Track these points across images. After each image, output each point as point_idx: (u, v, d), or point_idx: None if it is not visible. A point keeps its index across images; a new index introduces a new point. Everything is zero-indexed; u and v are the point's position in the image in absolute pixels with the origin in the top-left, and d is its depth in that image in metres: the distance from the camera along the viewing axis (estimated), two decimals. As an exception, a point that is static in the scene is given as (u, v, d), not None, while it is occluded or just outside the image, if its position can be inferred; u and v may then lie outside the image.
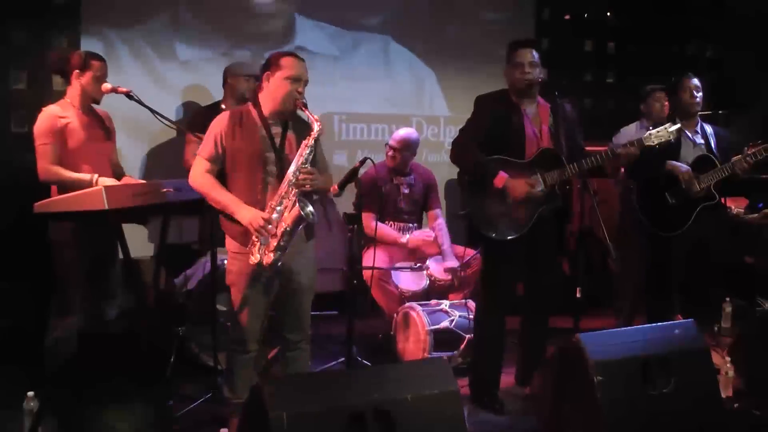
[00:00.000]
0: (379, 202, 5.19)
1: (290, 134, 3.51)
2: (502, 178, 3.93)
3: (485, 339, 4.16)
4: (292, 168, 3.39)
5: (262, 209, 3.38)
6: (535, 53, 4.02)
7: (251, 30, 5.70)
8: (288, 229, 3.33)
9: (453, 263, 5.06)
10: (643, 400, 3.19)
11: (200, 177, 3.47)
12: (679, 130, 4.23)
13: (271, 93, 3.47)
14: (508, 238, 3.98)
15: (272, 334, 3.80)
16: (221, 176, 3.49)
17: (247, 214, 3.35)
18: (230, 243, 3.51)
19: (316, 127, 3.44)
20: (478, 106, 4.13)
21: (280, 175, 3.43)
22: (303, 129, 3.50)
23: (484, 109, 4.09)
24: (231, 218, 3.41)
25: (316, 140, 3.46)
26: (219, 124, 3.48)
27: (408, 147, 5.24)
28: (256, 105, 3.51)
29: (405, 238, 5.20)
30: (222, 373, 4.13)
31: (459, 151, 4.09)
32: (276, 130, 3.48)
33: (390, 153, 5.26)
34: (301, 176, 3.37)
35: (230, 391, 3.60)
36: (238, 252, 3.45)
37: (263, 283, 3.46)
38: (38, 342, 3.99)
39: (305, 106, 3.46)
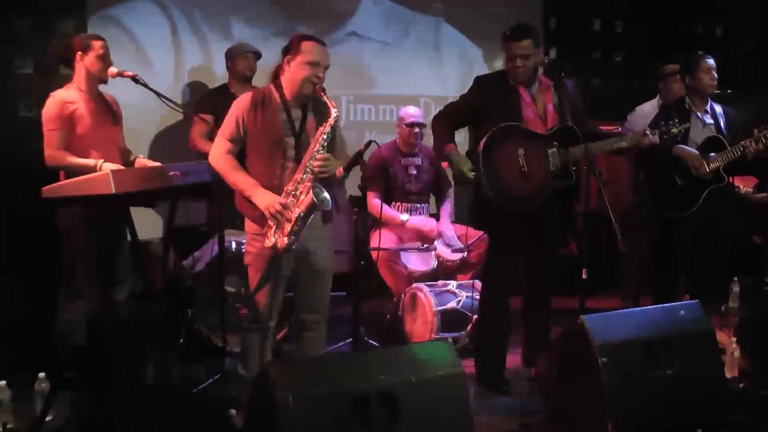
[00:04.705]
0: (386, 183, 5.18)
1: (310, 118, 3.51)
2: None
3: (490, 320, 4.17)
4: (307, 154, 3.41)
5: (279, 194, 3.40)
6: (527, 43, 3.92)
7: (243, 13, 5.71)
8: (301, 214, 3.34)
9: (458, 247, 5.05)
10: (647, 381, 3.21)
11: (221, 158, 3.49)
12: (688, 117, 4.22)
13: (291, 77, 3.46)
14: (521, 210, 3.93)
15: (282, 315, 3.83)
16: (239, 156, 3.51)
17: (264, 199, 3.37)
18: (249, 225, 3.54)
19: (333, 113, 3.43)
20: (474, 85, 4.14)
21: (298, 159, 3.44)
22: (323, 113, 3.50)
23: (479, 88, 4.09)
24: (249, 201, 3.44)
25: (333, 126, 3.45)
26: (241, 104, 3.48)
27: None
28: (278, 87, 3.51)
29: (405, 217, 5.13)
30: (231, 354, 4.17)
31: (434, 126, 4.14)
32: (296, 114, 3.49)
33: (416, 131, 5.17)
34: (316, 163, 3.38)
35: (245, 370, 3.63)
36: (257, 233, 3.47)
37: (280, 264, 3.48)
38: (48, 327, 4.03)
39: (323, 91, 3.45)
